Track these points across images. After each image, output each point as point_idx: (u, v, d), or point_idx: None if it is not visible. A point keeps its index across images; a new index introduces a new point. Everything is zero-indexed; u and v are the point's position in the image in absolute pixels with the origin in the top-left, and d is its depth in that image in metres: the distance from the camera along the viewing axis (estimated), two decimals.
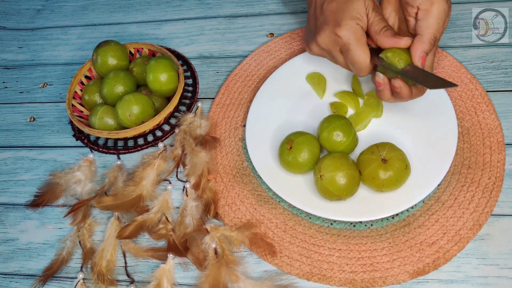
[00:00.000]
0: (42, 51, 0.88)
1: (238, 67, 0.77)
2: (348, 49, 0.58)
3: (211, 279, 0.57)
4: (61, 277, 0.62)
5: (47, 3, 0.96)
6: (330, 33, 0.59)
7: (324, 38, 0.60)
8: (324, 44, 0.60)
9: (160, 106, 0.72)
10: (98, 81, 0.74)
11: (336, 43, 0.59)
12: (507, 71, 0.69)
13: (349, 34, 0.58)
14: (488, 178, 0.60)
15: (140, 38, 0.85)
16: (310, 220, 0.61)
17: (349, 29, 0.57)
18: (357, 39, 0.58)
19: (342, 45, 0.59)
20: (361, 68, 0.59)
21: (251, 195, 0.64)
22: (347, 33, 0.58)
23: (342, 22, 0.58)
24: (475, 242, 0.57)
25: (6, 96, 0.83)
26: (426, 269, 0.55)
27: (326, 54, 0.63)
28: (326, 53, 0.62)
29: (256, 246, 0.59)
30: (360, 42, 0.58)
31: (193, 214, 0.62)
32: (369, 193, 0.60)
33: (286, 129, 0.65)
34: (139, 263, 0.62)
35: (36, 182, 0.71)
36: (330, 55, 0.62)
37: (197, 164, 0.66)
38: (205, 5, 0.88)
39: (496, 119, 0.64)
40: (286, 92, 0.70)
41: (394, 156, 0.57)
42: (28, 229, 0.67)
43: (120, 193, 0.65)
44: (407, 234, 0.58)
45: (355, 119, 0.66)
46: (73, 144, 0.75)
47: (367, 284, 0.55)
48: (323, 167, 0.57)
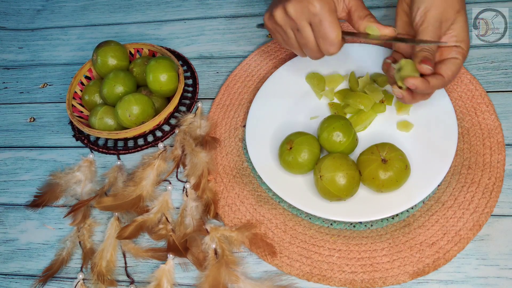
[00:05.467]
0: (42, 51, 0.88)
1: (238, 67, 0.77)
2: (320, 21, 0.56)
3: (211, 280, 0.57)
4: (61, 278, 0.62)
5: (47, 4, 0.96)
6: (303, 0, 0.56)
7: (295, 3, 0.57)
8: (294, 11, 0.57)
9: (160, 107, 0.72)
10: (98, 81, 0.74)
11: (308, 12, 0.56)
12: (507, 72, 0.69)
13: (323, 3, 0.56)
14: (488, 179, 0.60)
15: (140, 39, 0.85)
16: (310, 221, 0.61)
17: (324, 1, 0.56)
18: (331, 11, 0.56)
19: (314, 15, 0.56)
20: (333, 43, 0.57)
21: (251, 196, 0.64)
22: (322, 4, 0.56)
23: None
24: (475, 243, 0.57)
25: (6, 96, 0.83)
26: (426, 270, 0.55)
27: (287, 27, 0.59)
28: (287, 26, 0.59)
29: (256, 247, 0.59)
30: (334, 15, 0.57)
31: (193, 214, 0.62)
32: (369, 194, 0.60)
33: (286, 129, 0.65)
34: (139, 264, 0.62)
35: (36, 182, 0.71)
36: (293, 27, 0.59)
37: (197, 164, 0.66)
38: (205, 6, 0.88)
39: (496, 119, 0.64)
40: (286, 92, 0.70)
41: (394, 156, 0.57)
42: (28, 230, 0.67)
43: (120, 194, 0.65)
44: (407, 234, 0.58)
45: (355, 120, 0.65)
46: (73, 144, 0.75)
47: (367, 284, 0.55)
48: (323, 167, 0.57)
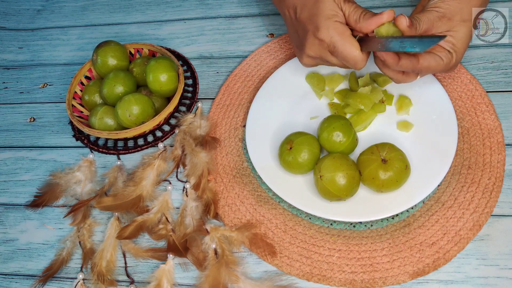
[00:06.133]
0: (42, 52, 0.88)
1: (238, 67, 0.77)
2: (335, 48, 0.57)
3: (211, 280, 0.57)
4: (61, 278, 0.62)
5: (47, 4, 0.96)
6: (313, 41, 0.59)
7: (310, 47, 0.60)
8: (313, 52, 0.60)
9: (160, 107, 0.72)
10: (98, 81, 0.74)
11: (322, 47, 0.59)
12: (507, 72, 0.69)
13: (330, 33, 0.57)
14: (488, 179, 0.60)
15: (140, 39, 0.85)
16: (310, 221, 0.61)
17: (328, 28, 0.57)
18: (340, 34, 0.57)
19: (328, 46, 0.58)
20: (355, 61, 0.58)
21: (251, 196, 0.64)
22: (328, 33, 0.57)
23: (320, 25, 0.57)
24: (475, 243, 0.57)
25: (6, 96, 0.83)
26: (426, 270, 0.55)
27: (320, 61, 0.62)
28: (319, 60, 0.62)
29: (256, 247, 0.59)
30: (345, 36, 0.57)
31: (193, 214, 0.62)
32: (369, 194, 0.60)
33: (286, 129, 0.65)
34: (139, 264, 0.62)
35: (36, 182, 0.71)
36: (323, 60, 0.61)
37: (197, 164, 0.66)
38: (205, 6, 0.88)
39: (496, 119, 0.64)
40: (286, 92, 0.70)
41: (394, 156, 0.57)
42: (28, 230, 0.67)
43: (120, 194, 0.65)
44: (407, 234, 0.58)
45: (355, 120, 0.65)
46: (73, 144, 0.75)
47: (367, 284, 0.55)
48: (323, 167, 0.57)
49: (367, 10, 0.58)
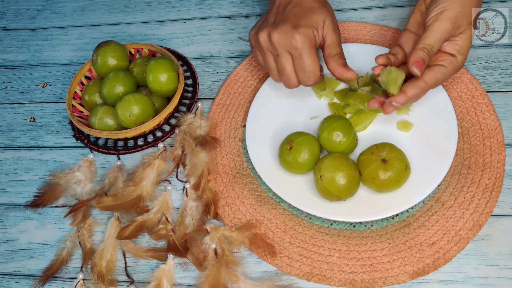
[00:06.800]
0: (42, 52, 0.88)
1: (238, 67, 0.77)
2: (300, 55, 0.59)
3: (211, 280, 0.57)
4: (61, 278, 0.62)
5: (47, 4, 0.96)
6: (287, 32, 0.59)
7: (280, 33, 0.59)
8: (277, 39, 0.59)
9: (160, 107, 0.72)
10: (98, 81, 0.74)
11: (290, 44, 0.59)
12: (507, 72, 0.69)
13: (304, 39, 0.58)
14: (488, 179, 0.60)
15: (140, 39, 0.85)
16: (310, 221, 0.61)
17: (306, 35, 0.58)
18: (311, 46, 0.59)
19: (294, 48, 0.59)
20: (310, 76, 0.60)
21: (251, 196, 0.64)
22: (303, 38, 0.58)
23: (301, 26, 0.59)
24: (475, 243, 0.57)
25: (6, 96, 0.83)
26: (426, 270, 0.55)
27: (267, 51, 0.61)
28: (268, 50, 0.61)
29: (256, 247, 0.59)
30: (313, 51, 0.59)
31: (193, 214, 0.62)
32: (369, 194, 0.60)
33: (286, 129, 0.65)
34: (139, 264, 0.62)
35: (36, 182, 0.71)
36: (274, 53, 0.61)
37: (197, 164, 0.66)
38: (205, 6, 0.88)
39: (496, 119, 0.64)
40: (286, 92, 0.70)
41: (394, 156, 0.57)
42: (28, 230, 0.67)
43: (120, 194, 0.65)
44: (407, 234, 0.58)
45: (355, 120, 0.65)
46: (73, 144, 0.75)
47: (367, 284, 0.55)
48: (323, 167, 0.57)
49: (342, 54, 0.61)
